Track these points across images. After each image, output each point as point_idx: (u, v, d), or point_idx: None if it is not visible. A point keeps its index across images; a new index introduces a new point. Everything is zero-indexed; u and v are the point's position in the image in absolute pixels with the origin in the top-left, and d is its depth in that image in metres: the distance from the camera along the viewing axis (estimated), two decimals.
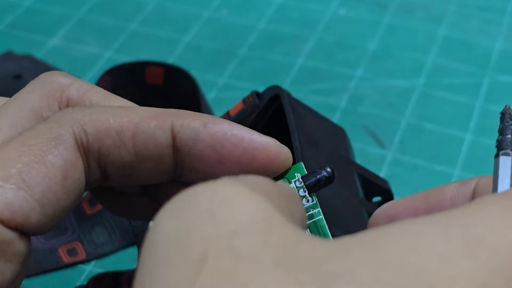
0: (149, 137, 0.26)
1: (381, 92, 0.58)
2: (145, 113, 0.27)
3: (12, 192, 0.24)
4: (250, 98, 0.36)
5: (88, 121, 0.26)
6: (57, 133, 0.26)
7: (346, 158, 0.36)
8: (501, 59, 0.61)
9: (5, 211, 0.24)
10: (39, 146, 0.25)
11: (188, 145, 0.27)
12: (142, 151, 0.27)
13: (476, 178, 0.28)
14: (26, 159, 0.25)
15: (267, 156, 0.27)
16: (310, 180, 0.27)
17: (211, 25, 0.64)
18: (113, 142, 0.26)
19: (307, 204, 0.27)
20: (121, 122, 0.26)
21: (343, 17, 0.65)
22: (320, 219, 0.27)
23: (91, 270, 0.45)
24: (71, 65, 0.59)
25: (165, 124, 0.27)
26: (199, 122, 0.27)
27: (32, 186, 0.25)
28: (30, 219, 0.25)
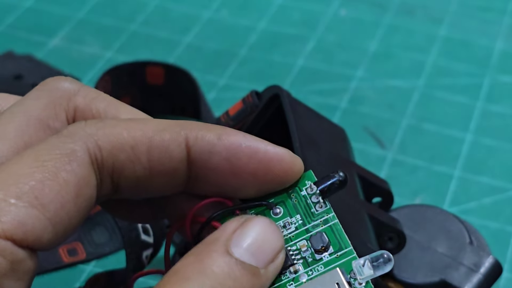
0: (163, 151, 0.26)
1: (381, 92, 0.58)
2: (158, 125, 0.26)
3: (25, 211, 0.24)
4: (249, 97, 0.36)
5: (102, 136, 0.25)
6: (71, 148, 0.25)
7: (346, 159, 0.36)
8: (502, 60, 0.61)
9: (18, 231, 0.24)
10: (53, 162, 0.24)
11: (203, 158, 0.26)
12: (156, 166, 0.26)
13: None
14: (40, 175, 0.24)
15: (281, 167, 0.27)
16: (324, 185, 0.27)
17: (212, 25, 0.64)
18: (128, 157, 0.26)
19: (321, 210, 0.27)
20: (135, 136, 0.26)
21: (344, 18, 0.65)
22: (336, 223, 0.27)
23: (91, 270, 0.45)
24: (72, 66, 0.59)
25: (179, 137, 0.26)
26: (213, 135, 0.26)
27: (45, 205, 0.24)
28: (42, 238, 0.24)
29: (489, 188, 0.51)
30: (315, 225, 0.27)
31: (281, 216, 0.27)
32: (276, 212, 0.27)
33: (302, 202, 0.27)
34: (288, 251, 0.26)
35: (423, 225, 0.38)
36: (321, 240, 0.26)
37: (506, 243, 0.48)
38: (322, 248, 0.26)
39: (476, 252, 0.37)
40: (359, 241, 0.32)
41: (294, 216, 0.27)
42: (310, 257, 0.26)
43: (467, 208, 0.50)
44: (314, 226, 0.27)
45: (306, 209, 0.27)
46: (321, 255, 0.26)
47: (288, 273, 0.26)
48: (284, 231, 0.27)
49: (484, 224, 0.49)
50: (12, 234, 0.24)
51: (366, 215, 0.35)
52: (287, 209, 0.27)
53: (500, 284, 0.46)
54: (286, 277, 0.26)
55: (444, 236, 0.38)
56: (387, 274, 0.37)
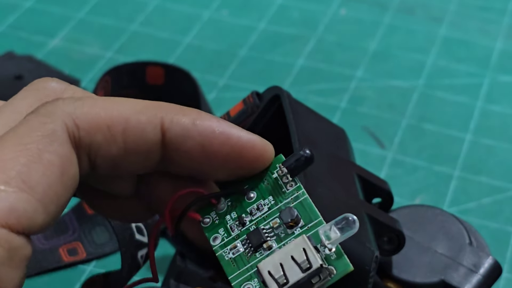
0: (139, 133, 0.27)
1: (381, 92, 0.58)
2: (135, 106, 0.27)
3: (15, 196, 0.24)
4: (250, 98, 0.36)
5: (80, 115, 0.26)
6: (52, 129, 0.25)
7: (346, 159, 0.36)
8: (501, 60, 0.61)
9: (11, 217, 0.24)
10: (35, 145, 0.25)
11: (177, 142, 0.27)
12: (131, 146, 0.27)
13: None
14: (24, 159, 0.25)
15: (253, 153, 0.28)
16: (289, 163, 0.28)
17: (212, 25, 0.64)
18: (104, 137, 0.26)
19: (291, 188, 0.28)
20: (112, 116, 0.26)
21: (344, 18, 0.65)
22: (306, 198, 0.27)
23: (91, 270, 0.45)
24: (72, 66, 0.59)
25: (155, 120, 0.27)
26: (188, 119, 0.27)
27: (33, 187, 0.25)
28: (35, 220, 0.25)
29: (489, 188, 0.51)
30: (287, 203, 0.28)
31: (254, 199, 0.28)
32: (250, 197, 0.28)
33: (274, 184, 0.28)
34: (261, 230, 0.27)
35: (422, 226, 0.39)
36: (290, 213, 0.27)
37: (505, 243, 0.48)
38: (293, 222, 0.27)
39: (476, 253, 0.37)
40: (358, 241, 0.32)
41: (267, 198, 0.28)
42: (282, 233, 0.27)
43: (466, 208, 0.50)
44: (286, 204, 0.28)
45: (278, 189, 0.28)
46: (292, 229, 0.27)
47: (262, 250, 0.27)
48: (257, 213, 0.28)
49: (483, 224, 0.49)
50: (6, 220, 0.24)
51: (365, 215, 0.35)
52: (260, 193, 0.28)
53: (499, 285, 0.46)
54: (260, 254, 0.27)
55: (443, 237, 0.38)
56: (386, 274, 0.37)
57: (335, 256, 0.26)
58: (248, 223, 0.28)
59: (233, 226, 0.28)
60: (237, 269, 0.27)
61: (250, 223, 0.28)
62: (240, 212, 0.28)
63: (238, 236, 0.28)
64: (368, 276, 0.31)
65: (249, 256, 0.27)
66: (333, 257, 0.26)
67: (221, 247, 0.28)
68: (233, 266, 0.27)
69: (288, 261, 0.26)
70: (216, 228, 0.28)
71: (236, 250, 0.28)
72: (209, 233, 0.28)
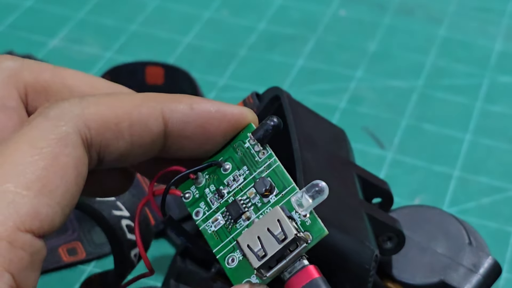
0: (143, 126, 0.27)
1: (381, 92, 0.58)
2: (134, 101, 0.28)
3: (37, 201, 0.25)
4: (250, 99, 0.36)
5: (89, 116, 0.26)
6: (65, 131, 0.26)
7: (346, 160, 0.36)
8: (501, 60, 0.61)
9: (35, 221, 0.24)
10: (51, 148, 0.25)
11: (179, 129, 0.28)
12: (137, 139, 0.27)
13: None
14: (42, 163, 0.25)
15: (244, 122, 0.29)
16: (258, 133, 0.28)
17: (212, 25, 0.64)
18: (113, 134, 0.27)
19: (264, 157, 0.28)
20: (118, 114, 0.27)
21: (343, 18, 0.65)
22: (278, 165, 0.28)
23: (91, 270, 0.45)
24: (72, 66, 0.58)
25: (156, 112, 0.28)
26: (185, 105, 0.28)
27: (53, 191, 0.25)
28: (54, 223, 0.25)
29: (488, 188, 0.51)
30: (260, 172, 0.28)
31: (230, 170, 0.29)
32: (226, 168, 0.29)
33: (246, 154, 0.29)
34: (239, 201, 0.28)
35: (422, 226, 0.39)
36: (263, 183, 0.28)
37: (505, 243, 0.48)
38: (267, 191, 0.28)
39: (476, 253, 0.37)
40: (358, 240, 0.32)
41: (242, 168, 0.29)
42: (259, 202, 0.28)
43: (466, 208, 0.50)
44: (260, 173, 0.28)
45: (251, 159, 0.29)
46: (268, 198, 0.28)
47: (242, 221, 0.28)
48: (234, 184, 0.28)
49: (483, 224, 0.49)
50: (30, 226, 0.24)
51: (365, 215, 0.35)
52: (234, 163, 0.29)
53: (499, 284, 0.46)
54: (240, 225, 0.28)
55: (443, 237, 0.38)
56: (386, 274, 0.37)
57: (309, 222, 0.27)
58: (226, 195, 0.28)
59: (213, 199, 0.29)
60: (220, 242, 0.28)
61: (228, 195, 0.28)
62: (218, 184, 0.29)
63: (218, 209, 0.28)
64: (368, 275, 0.32)
65: (230, 228, 0.28)
66: (308, 223, 0.27)
67: (203, 220, 0.28)
68: (216, 239, 0.28)
69: (264, 233, 0.26)
70: (197, 202, 0.29)
71: (217, 223, 0.28)
72: (191, 208, 0.29)
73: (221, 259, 0.28)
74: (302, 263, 0.26)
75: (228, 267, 0.27)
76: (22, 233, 0.24)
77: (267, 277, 0.27)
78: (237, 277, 0.27)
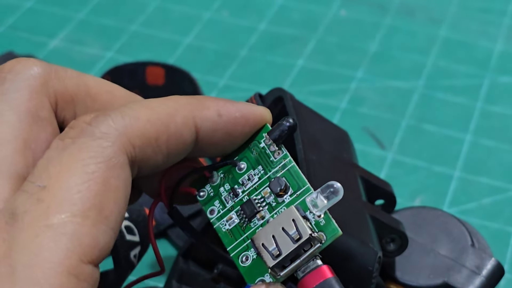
0: (178, 138, 0.27)
1: (381, 93, 0.58)
2: (168, 110, 0.27)
3: (95, 229, 0.24)
4: (253, 100, 0.36)
5: (132, 133, 0.26)
6: (113, 152, 0.25)
7: (349, 161, 0.36)
8: (501, 61, 0.62)
9: (95, 251, 0.24)
10: (101, 172, 0.25)
11: (207, 136, 0.28)
12: (173, 151, 0.27)
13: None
14: (95, 188, 0.24)
15: (263, 123, 0.29)
16: (274, 134, 0.29)
17: (212, 26, 0.64)
18: (153, 149, 0.27)
19: (279, 157, 0.29)
20: (157, 128, 0.27)
21: (344, 19, 0.65)
22: (292, 165, 0.28)
23: None
24: (72, 66, 0.58)
25: (190, 121, 0.27)
26: (213, 112, 0.28)
27: (108, 217, 0.25)
28: (110, 248, 0.25)
29: (489, 188, 0.52)
30: (275, 172, 0.28)
31: (245, 170, 0.29)
32: (241, 168, 0.29)
33: (262, 154, 0.29)
34: (254, 200, 0.28)
35: (425, 228, 0.39)
36: (278, 183, 0.28)
37: (506, 244, 0.48)
38: (282, 191, 0.28)
39: (478, 254, 0.37)
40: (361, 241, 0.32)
41: (257, 168, 0.29)
42: (273, 202, 0.28)
43: (466, 208, 0.50)
44: (275, 173, 0.28)
45: (266, 159, 0.29)
46: (282, 197, 0.28)
47: (256, 220, 0.28)
48: (249, 184, 0.29)
49: (484, 224, 0.49)
50: (91, 256, 0.24)
51: (368, 217, 0.35)
52: (250, 163, 0.29)
53: (500, 285, 0.46)
54: (254, 224, 0.28)
55: (446, 239, 0.38)
56: (390, 276, 0.37)
57: (324, 222, 0.27)
58: (241, 194, 0.29)
59: (227, 198, 0.29)
60: (235, 240, 0.28)
61: (243, 194, 0.29)
62: (233, 183, 0.29)
63: (233, 208, 0.29)
64: (371, 276, 0.32)
65: (244, 227, 0.28)
66: (322, 223, 0.27)
67: (217, 219, 0.29)
68: (231, 237, 0.28)
69: (279, 232, 0.27)
70: (211, 201, 0.29)
71: (232, 222, 0.28)
72: (206, 206, 0.29)
73: (235, 257, 0.28)
74: (315, 263, 0.27)
75: (242, 266, 0.28)
76: (85, 265, 0.24)
77: (281, 276, 0.27)
78: (250, 276, 0.27)
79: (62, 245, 0.23)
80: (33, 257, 0.23)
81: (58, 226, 0.24)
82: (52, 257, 0.23)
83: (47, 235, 0.23)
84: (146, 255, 0.41)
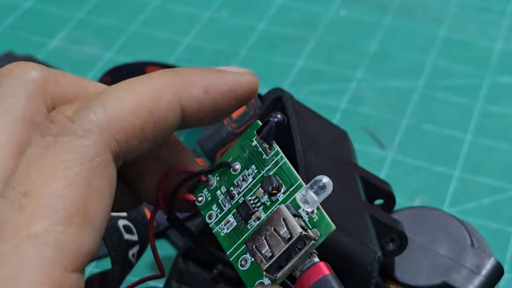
0: (164, 122, 0.26)
1: (381, 93, 0.58)
2: (154, 94, 0.26)
3: (79, 235, 0.24)
4: (252, 100, 0.36)
5: (114, 127, 0.25)
6: (95, 151, 0.25)
7: (349, 161, 0.36)
8: (501, 60, 0.61)
9: (80, 258, 0.24)
10: (85, 173, 0.24)
11: (193, 114, 0.27)
12: (158, 136, 0.27)
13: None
14: (78, 191, 0.24)
15: (253, 90, 0.28)
16: (263, 131, 0.28)
17: (212, 26, 0.64)
18: (138, 140, 0.26)
19: (271, 154, 0.28)
20: (142, 118, 0.26)
21: (344, 18, 0.65)
22: (284, 162, 0.28)
23: (91, 270, 0.45)
24: (72, 66, 0.59)
25: (175, 104, 0.27)
26: (199, 89, 0.27)
27: (92, 220, 0.24)
28: (95, 251, 0.24)
29: (489, 188, 0.51)
30: (268, 170, 0.28)
31: (239, 170, 0.28)
32: (235, 169, 0.29)
33: (254, 152, 0.28)
34: (248, 201, 0.28)
35: (424, 227, 0.39)
36: (270, 182, 0.28)
37: (505, 244, 0.48)
38: (274, 189, 0.28)
39: (478, 254, 0.37)
40: (361, 241, 0.32)
41: (250, 167, 0.28)
42: (268, 201, 0.28)
43: (466, 208, 0.50)
44: (268, 171, 0.28)
45: (259, 157, 0.28)
46: (276, 196, 0.28)
47: (252, 221, 0.28)
48: (243, 184, 0.28)
49: (483, 224, 0.49)
50: (76, 263, 0.23)
51: (367, 216, 0.35)
52: (243, 163, 0.28)
53: (500, 285, 0.46)
54: (251, 226, 0.28)
55: (445, 238, 0.38)
56: (389, 276, 0.37)
57: (317, 218, 0.27)
58: (236, 195, 0.28)
59: (224, 201, 0.28)
60: (233, 244, 0.28)
61: (238, 195, 0.28)
62: (229, 185, 0.29)
63: (230, 211, 0.28)
64: (370, 276, 0.32)
65: (242, 229, 0.28)
66: (315, 219, 0.27)
67: (216, 223, 0.28)
68: (229, 241, 0.28)
69: (271, 233, 0.26)
70: (209, 205, 0.29)
71: (229, 225, 0.28)
72: (204, 211, 0.29)
73: (234, 261, 0.28)
74: (312, 260, 0.26)
75: (241, 269, 0.27)
76: (69, 274, 0.23)
77: (277, 278, 0.26)
78: (250, 279, 0.27)
79: (45, 255, 0.23)
80: (14, 270, 0.23)
81: (41, 235, 0.23)
82: (35, 269, 0.23)
83: (29, 245, 0.23)
84: (146, 255, 0.41)
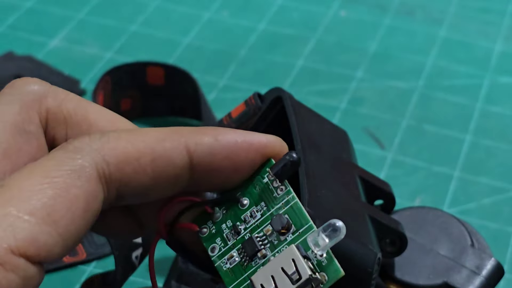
0: (166, 160, 0.27)
1: (381, 93, 0.58)
2: (158, 135, 0.27)
3: (38, 228, 0.24)
4: (252, 100, 0.36)
5: (108, 151, 0.26)
6: (80, 164, 0.25)
7: (348, 161, 0.36)
8: (501, 61, 0.62)
9: (31, 247, 0.24)
10: (63, 179, 0.25)
11: (205, 161, 0.27)
12: (161, 174, 0.27)
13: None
14: (51, 192, 0.25)
15: (274, 151, 0.28)
16: (276, 169, 0.28)
17: (212, 26, 0.64)
18: (133, 169, 0.26)
19: (282, 193, 0.28)
20: (139, 148, 0.26)
21: (344, 19, 0.65)
22: (295, 202, 0.27)
23: (91, 271, 0.45)
24: (72, 66, 0.59)
25: (180, 145, 0.27)
26: (209, 137, 0.27)
27: (57, 221, 0.25)
28: (52, 252, 0.25)
29: (489, 188, 0.52)
30: (278, 208, 0.28)
31: (248, 206, 0.28)
32: (243, 204, 0.28)
33: (265, 189, 0.28)
34: (255, 238, 0.27)
35: (424, 228, 0.39)
36: (280, 221, 0.27)
37: (505, 244, 0.48)
38: (284, 229, 0.27)
39: (478, 255, 0.37)
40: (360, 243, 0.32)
41: (260, 204, 0.28)
42: (275, 240, 0.27)
43: (466, 208, 0.50)
44: (277, 210, 0.28)
45: (269, 194, 0.28)
46: (285, 235, 0.27)
47: (258, 259, 0.27)
48: (251, 221, 0.28)
49: (483, 224, 0.49)
50: (25, 251, 0.24)
51: (367, 217, 0.35)
52: (252, 199, 0.28)
53: (500, 285, 0.46)
54: (256, 263, 0.27)
55: (445, 239, 0.38)
56: (389, 276, 0.37)
57: (326, 262, 0.26)
58: (242, 231, 0.28)
59: (229, 235, 0.28)
60: (235, 279, 0.27)
61: (245, 231, 0.28)
62: (235, 220, 0.28)
63: (234, 246, 0.28)
64: (370, 278, 0.31)
65: (246, 266, 0.27)
66: (324, 263, 0.26)
67: (218, 257, 0.28)
68: (231, 276, 0.28)
69: (279, 273, 0.26)
70: (213, 238, 0.28)
71: (233, 260, 0.28)
72: (207, 243, 0.28)
73: None
74: None
75: None
76: (15, 257, 0.24)
77: None
78: None
79: None
80: None
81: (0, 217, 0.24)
82: None
83: None
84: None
